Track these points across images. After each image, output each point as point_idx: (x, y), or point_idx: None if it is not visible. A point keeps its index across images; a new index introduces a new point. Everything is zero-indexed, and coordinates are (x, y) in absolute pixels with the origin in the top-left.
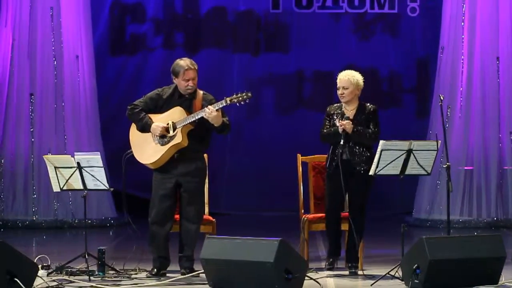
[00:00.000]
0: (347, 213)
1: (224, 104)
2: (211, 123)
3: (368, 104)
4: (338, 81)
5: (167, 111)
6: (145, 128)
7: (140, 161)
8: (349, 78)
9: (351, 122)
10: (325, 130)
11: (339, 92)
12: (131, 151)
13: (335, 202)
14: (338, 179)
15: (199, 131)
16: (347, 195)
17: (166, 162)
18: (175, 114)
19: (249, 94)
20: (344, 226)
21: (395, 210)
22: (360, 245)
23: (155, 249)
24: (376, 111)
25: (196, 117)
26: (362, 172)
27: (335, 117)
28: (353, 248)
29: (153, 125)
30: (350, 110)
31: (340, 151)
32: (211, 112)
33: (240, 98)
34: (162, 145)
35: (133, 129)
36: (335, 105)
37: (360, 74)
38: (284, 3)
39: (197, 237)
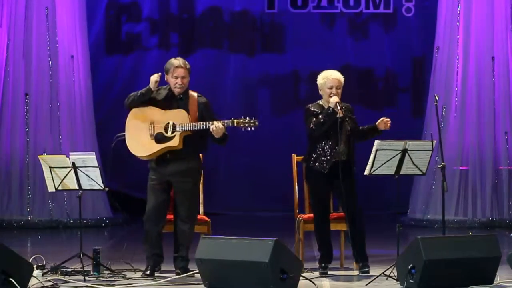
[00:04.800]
0: (342, 213)
1: (230, 125)
2: (213, 134)
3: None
4: (329, 81)
5: (171, 110)
6: (146, 94)
7: (131, 150)
8: (340, 79)
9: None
10: (314, 120)
11: (332, 91)
12: (124, 135)
13: (326, 203)
14: (325, 180)
15: (195, 137)
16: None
17: (159, 161)
18: (178, 117)
19: (256, 123)
20: (342, 226)
21: (390, 210)
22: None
23: (149, 247)
24: (354, 110)
25: (198, 128)
26: (347, 171)
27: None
28: (360, 247)
29: (151, 78)
30: None
31: (331, 152)
32: (218, 128)
33: (247, 125)
34: (156, 142)
35: (131, 114)
36: (313, 104)
37: None
38: (279, 3)
39: (191, 237)
